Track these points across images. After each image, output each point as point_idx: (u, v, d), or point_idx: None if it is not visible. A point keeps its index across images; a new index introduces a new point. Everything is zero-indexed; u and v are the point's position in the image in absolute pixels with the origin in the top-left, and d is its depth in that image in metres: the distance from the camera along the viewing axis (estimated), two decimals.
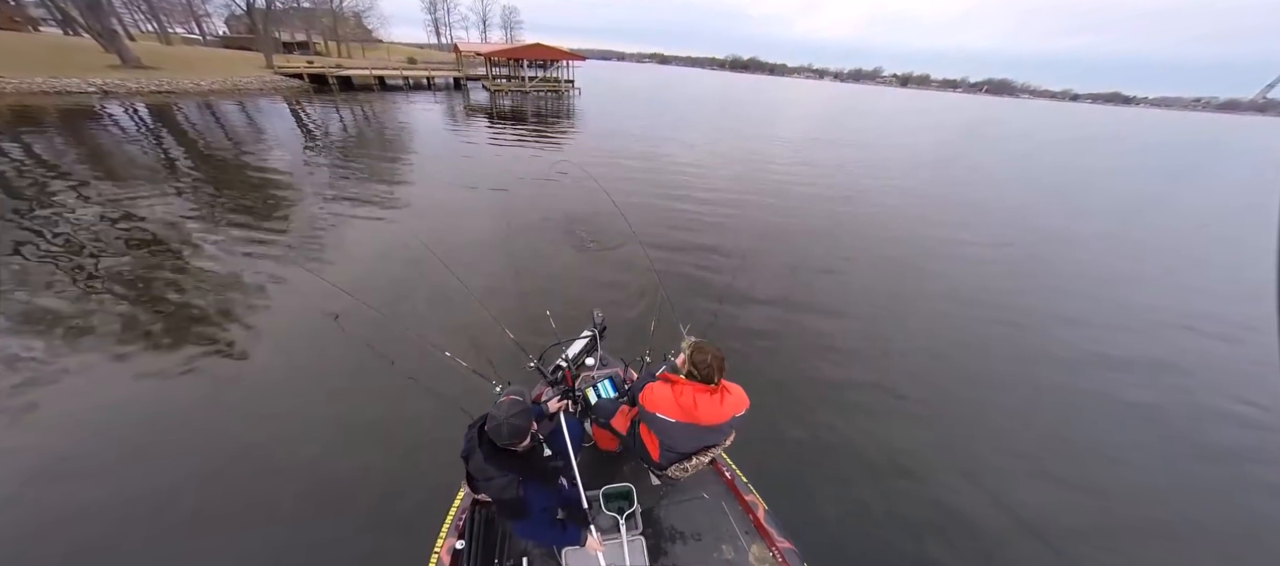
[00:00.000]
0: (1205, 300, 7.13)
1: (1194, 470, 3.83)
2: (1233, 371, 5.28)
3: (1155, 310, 6.73)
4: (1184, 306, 6.87)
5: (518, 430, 1.64)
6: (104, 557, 2.69)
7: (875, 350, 5.23)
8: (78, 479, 3.11)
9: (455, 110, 23.91)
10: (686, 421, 1.85)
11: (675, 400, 1.85)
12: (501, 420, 1.63)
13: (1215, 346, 5.80)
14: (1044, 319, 6.24)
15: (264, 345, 4.63)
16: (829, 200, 11.57)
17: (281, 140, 14.00)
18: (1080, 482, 3.63)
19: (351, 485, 3.19)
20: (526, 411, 1.68)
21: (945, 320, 6.02)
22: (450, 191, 10.21)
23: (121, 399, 3.83)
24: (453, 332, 4.92)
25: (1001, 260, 8.39)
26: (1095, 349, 5.56)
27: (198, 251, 6.49)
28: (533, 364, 2.86)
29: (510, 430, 1.63)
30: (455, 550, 2.04)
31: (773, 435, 3.78)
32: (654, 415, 1.90)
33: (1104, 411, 4.48)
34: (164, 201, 8.28)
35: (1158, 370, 5.22)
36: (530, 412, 1.70)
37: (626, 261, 6.98)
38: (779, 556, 2.04)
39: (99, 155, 10.92)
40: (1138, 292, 7.31)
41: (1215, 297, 7.26)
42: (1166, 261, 9.04)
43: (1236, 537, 3.26)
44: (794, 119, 32.44)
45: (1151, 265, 8.74)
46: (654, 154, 15.12)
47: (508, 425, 1.62)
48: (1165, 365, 5.33)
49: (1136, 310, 6.70)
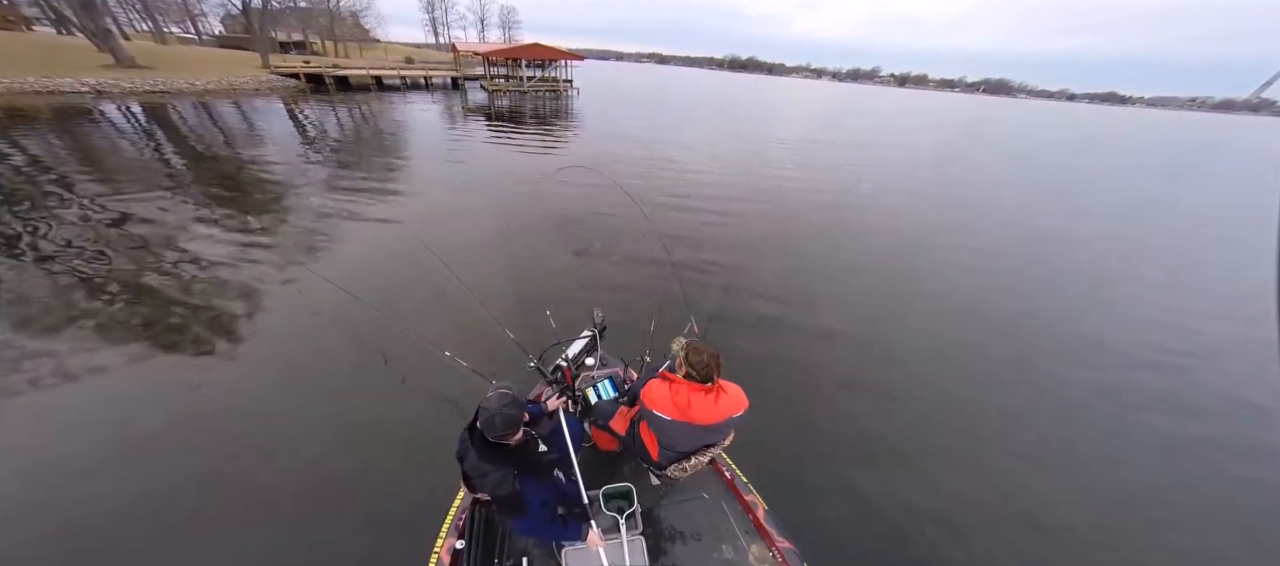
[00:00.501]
0: (1206, 300, 7.16)
1: (1193, 470, 3.85)
2: (1231, 371, 5.30)
3: (1158, 309, 6.76)
4: (1184, 305, 6.91)
5: (511, 420, 1.64)
6: (104, 557, 2.68)
7: (876, 350, 5.25)
8: (77, 479, 3.10)
9: (453, 110, 23.86)
10: (682, 420, 1.85)
11: (671, 399, 1.86)
12: (494, 412, 1.62)
13: (1215, 344, 5.83)
14: (1045, 319, 6.26)
15: (262, 345, 4.62)
16: (828, 201, 11.58)
17: (278, 140, 13.95)
18: (1079, 481, 3.64)
19: (351, 485, 3.19)
20: (516, 401, 1.68)
21: (945, 320, 6.04)
22: (448, 192, 10.19)
23: (119, 399, 3.81)
24: (452, 333, 4.92)
25: (1000, 259, 8.41)
26: (1095, 348, 5.58)
27: (194, 252, 6.46)
28: (533, 364, 2.85)
29: (503, 421, 1.62)
30: (455, 550, 2.04)
31: (772, 435, 3.79)
32: (652, 413, 1.90)
33: (1104, 411, 4.50)
34: (159, 202, 8.25)
35: (1158, 369, 5.25)
36: (520, 403, 1.70)
37: (626, 261, 6.98)
38: (779, 556, 2.04)
39: (94, 156, 10.87)
40: (1139, 291, 7.34)
41: (1216, 297, 7.29)
42: (1167, 261, 9.08)
43: (1235, 533, 3.28)
44: (792, 119, 32.48)
45: (1152, 265, 8.78)
46: (652, 157, 15.11)
47: (501, 416, 1.62)
48: (1165, 363, 5.36)
49: (1137, 309, 6.73)
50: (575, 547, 1.99)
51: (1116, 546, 3.14)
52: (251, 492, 3.09)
